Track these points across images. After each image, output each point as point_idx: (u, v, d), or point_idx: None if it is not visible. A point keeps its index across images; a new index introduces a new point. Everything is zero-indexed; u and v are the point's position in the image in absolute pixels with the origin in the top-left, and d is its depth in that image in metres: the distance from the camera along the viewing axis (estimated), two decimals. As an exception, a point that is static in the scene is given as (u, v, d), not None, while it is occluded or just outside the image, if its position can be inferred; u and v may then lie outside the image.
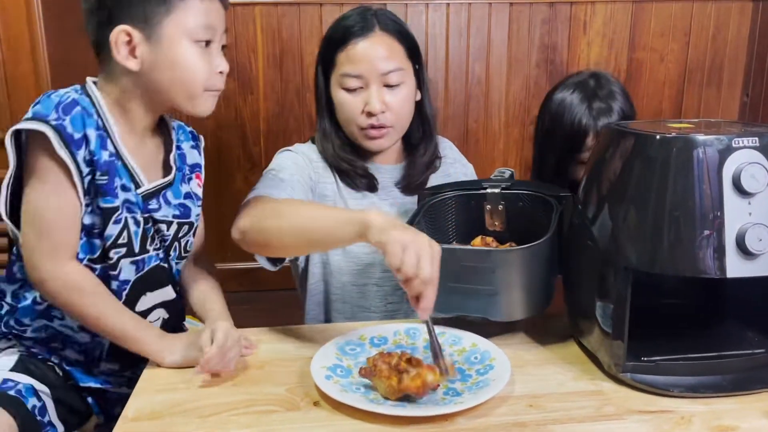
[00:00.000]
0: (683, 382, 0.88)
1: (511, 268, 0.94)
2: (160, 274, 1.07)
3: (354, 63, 1.16)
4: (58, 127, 0.90)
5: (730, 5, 2.62)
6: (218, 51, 0.99)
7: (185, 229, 1.08)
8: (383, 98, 1.17)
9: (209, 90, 0.99)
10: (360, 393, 0.86)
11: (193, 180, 1.10)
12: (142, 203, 1.00)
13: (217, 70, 0.98)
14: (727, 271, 0.80)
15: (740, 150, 0.81)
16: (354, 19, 1.18)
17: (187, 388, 0.90)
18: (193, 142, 1.13)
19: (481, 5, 2.50)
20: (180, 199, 1.06)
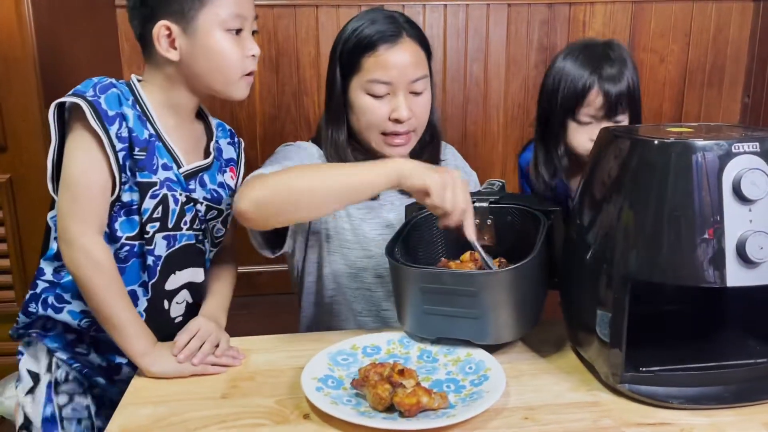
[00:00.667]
0: (683, 393, 0.85)
1: (496, 290, 0.91)
2: (192, 253, 1.10)
3: (385, 69, 1.14)
4: (94, 102, 0.96)
5: (731, 6, 2.60)
6: (249, 37, 1.05)
7: (213, 213, 1.12)
8: (409, 105, 1.16)
9: (244, 74, 1.05)
10: (351, 405, 0.84)
11: (227, 173, 1.15)
12: (184, 182, 1.05)
13: (250, 53, 1.04)
14: (727, 279, 0.78)
15: (740, 155, 0.78)
16: (383, 24, 1.16)
17: (173, 401, 0.88)
18: (230, 139, 1.19)
19: (478, 6, 2.48)
20: (214, 185, 1.11)
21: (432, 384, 0.90)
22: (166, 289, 1.07)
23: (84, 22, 2.18)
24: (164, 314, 1.08)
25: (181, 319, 1.10)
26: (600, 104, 1.29)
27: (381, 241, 1.22)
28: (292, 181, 0.98)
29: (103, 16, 2.36)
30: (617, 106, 1.29)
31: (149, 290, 1.05)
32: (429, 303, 0.94)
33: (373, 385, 0.83)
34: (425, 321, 0.96)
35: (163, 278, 1.06)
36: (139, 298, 1.05)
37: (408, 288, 0.95)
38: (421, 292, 0.94)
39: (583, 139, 1.33)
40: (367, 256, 1.22)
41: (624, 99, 1.29)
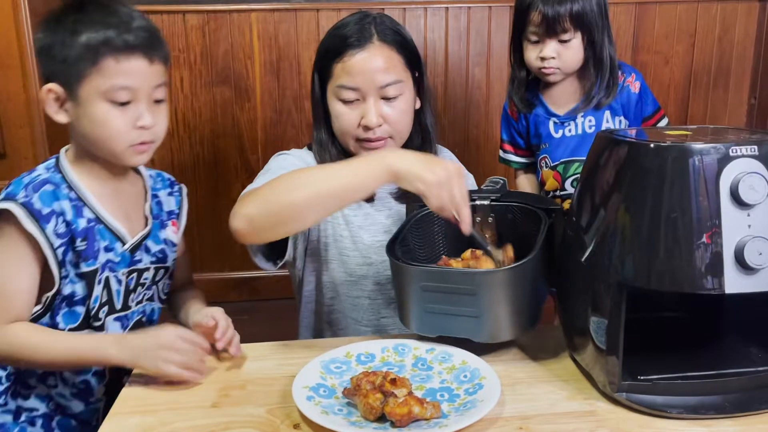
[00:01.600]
0: (682, 402, 0.83)
1: (495, 289, 0.90)
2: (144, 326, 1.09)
3: (351, 75, 1.12)
4: (26, 204, 0.95)
5: (737, 6, 2.57)
6: (143, 107, 0.99)
7: (161, 273, 1.12)
8: (380, 111, 1.14)
9: (131, 145, 1.00)
10: (342, 415, 0.83)
11: (169, 227, 1.13)
12: (129, 258, 1.05)
13: (138, 124, 0.99)
14: (725, 286, 0.76)
15: (738, 159, 0.76)
16: (351, 28, 1.14)
17: (162, 411, 0.87)
18: (170, 189, 1.17)
19: (480, 8, 2.46)
20: (159, 245, 1.11)
21: (426, 393, 0.88)
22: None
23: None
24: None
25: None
26: (538, 21, 1.41)
27: (380, 248, 1.21)
28: (283, 193, 0.96)
29: (105, 21, 2.37)
30: (555, 25, 1.39)
31: (107, 374, 1.05)
32: (429, 301, 0.93)
33: (365, 395, 0.82)
34: (426, 319, 0.95)
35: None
36: (93, 387, 1.05)
37: (409, 286, 0.95)
38: (422, 291, 0.93)
39: (532, 57, 1.47)
40: (367, 263, 1.21)
41: (564, 19, 1.39)
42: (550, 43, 1.43)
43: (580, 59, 1.46)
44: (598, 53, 1.45)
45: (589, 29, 1.42)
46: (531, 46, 1.47)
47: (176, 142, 2.53)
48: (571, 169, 1.55)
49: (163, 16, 2.41)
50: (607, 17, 1.46)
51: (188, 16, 2.41)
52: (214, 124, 2.50)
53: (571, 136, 1.54)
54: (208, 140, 2.51)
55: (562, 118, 1.54)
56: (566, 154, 1.55)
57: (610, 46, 1.47)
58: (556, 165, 1.56)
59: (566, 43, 1.42)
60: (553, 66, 1.45)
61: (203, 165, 2.54)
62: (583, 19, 1.40)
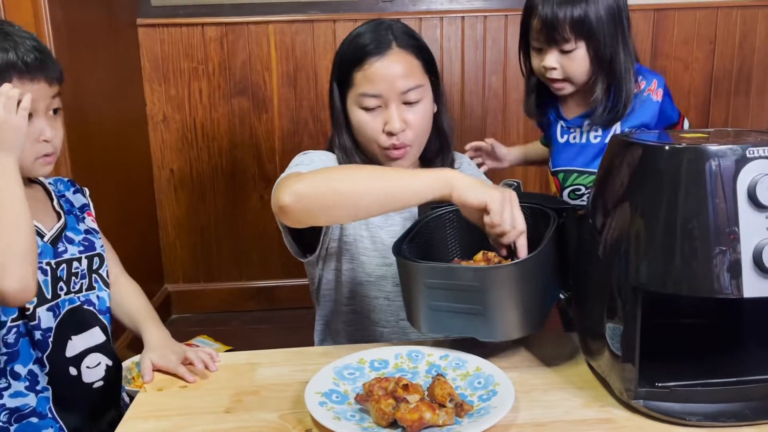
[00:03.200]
0: (701, 409, 0.82)
1: (501, 286, 0.89)
2: (83, 315, 1.11)
3: (372, 82, 1.13)
4: None
5: (757, 12, 2.54)
6: (42, 120, 1.04)
7: (97, 262, 1.15)
8: (403, 116, 1.14)
9: (38, 157, 1.05)
10: (354, 420, 0.82)
11: (86, 218, 1.19)
12: (51, 249, 1.08)
13: (41, 137, 1.04)
14: (744, 290, 0.74)
15: (755, 160, 0.75)
16: (369, 36, 1.15)
17: (176, 416, 0.87)
18: (73, 188, 1.22)
19: (496, 17, 2.46)
20: (81, 235, 1.15)
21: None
22: (68, 356, 1.08)
23: (105, 41, 2.23)
24: (76, 381, 1.09)
25: (101, 383, 1.12)
26: (539, 28, 1.28)
27: None
28: (337, 180, 0.97)
29: (125, 35, 2.41)
30: (554, 33, 1.25)
31: (46, 363, 1.06)
32: (434, 299, 0.92)
33: (377, 400, 0.81)
34: (432, 318, 0.94)
35: (60, 347, 1.07)
36: (37, 374, 1.06)
37: (414, 284, 0.94)
38: (427, 288, 0.92)
39: (536, 64, 1.34)
40: (386, 264, 1.21)
41: (563, 27, 1.24)
42: (551, 52, 1.29)
43: (586, 70, 1.29)
44: (606, 66, 1.28)
45: (594, 39, 1.25)
46: (535, 54, 1.34)
47: (195, 152, 2.56)
48: (570, 179, 1.41)
49: (182, 28, 2.45)
50: (622, 23, 1.27)
51: (207, 28, 2.44)
52: (232, 134, 2.53)
53: (574, 143, 1.41)
54: (226, 151, 2.54)
55: (568, 122, 1.41)
56: (566, 162, 1.42)
57: (626, 57, 1.28)
58: (557, 172, 1.44)
59: (569, 53, 1.27)
60: (556, 77, 1.31)
61: (221, 175, 2.57)
62: (586, 27, 1.24)
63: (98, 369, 1.12)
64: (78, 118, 1.95)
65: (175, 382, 0.97)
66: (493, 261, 1.01)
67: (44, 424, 1.07)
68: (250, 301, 2.69)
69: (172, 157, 2.57)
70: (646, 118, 1.32)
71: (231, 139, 2.53)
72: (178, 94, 2.50)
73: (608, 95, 1.30)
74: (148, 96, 2.51)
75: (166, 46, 2.46)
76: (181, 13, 2.46)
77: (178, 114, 2.52)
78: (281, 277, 2.66)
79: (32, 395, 1.06)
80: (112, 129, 2.25)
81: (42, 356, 1.06)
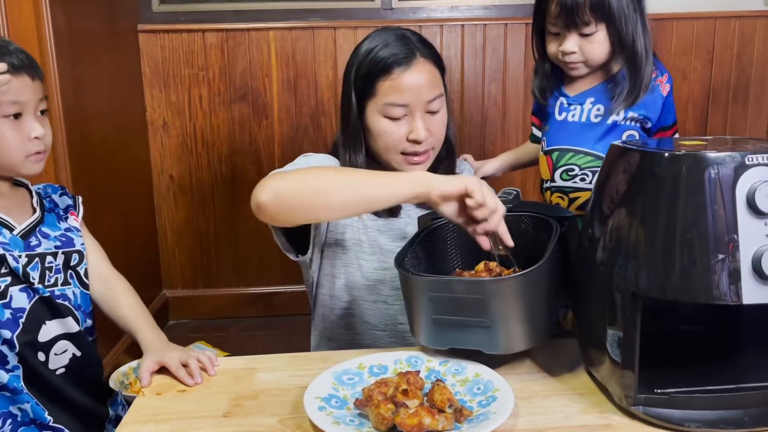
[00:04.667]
0: (700, 416, 0.82)
1: (506, 298, 0.89)
2: (56, 306, 1.12)
3: (400, 92, 1.14)
4: None
5: (755, 22, 2.56)
6: (31, 119, 1.08)
7: (76, 258, 1.17)
8: (427, 125, 1.16)
9: (29, 155, 1.08)
10: (353, 425, 0.82)
11: (69, 217, 1.21)
12: (21, 243, 1.10)
13: (32, 135, 1.07)
14: (743, 297, 0.75)
15: (754, 167, 0.75)
16: (395, 47, 1.15)
17: (175, 420, 0.87)
18: (61, 191, 1.25)
19: (496, 25, 2.48)
20: (59, 231, 1.17)
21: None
22: (40, 340, 1.09)
23: (106, 47, 2.23)
24: (42, 367, 1.10)
25: (63, 371, 1.13)
26: (557, 13, 1.25)
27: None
28: (315, 179, 0.99)
29: (126, 41, 2.42)
30: (575, 16, 1.22)
31: (16, 343, 1.06)
32: (438, 312, 0.92)
33: (376, 405, 0.81)
34: (436, 331, 0.94)
35: (33, 329, 1.08)
36: (6, 354, 1.06)
37: (417, 297, 0.94)
38: (430, 301, 0.92)
39: (553, 50, 1.31)
40: (384, 267, 1.21)
41: (583, 10, 1.21)
42: (570, 36, 1.25)
43: (605, 53, 1.27)
44: (628, 47, 1.25)
45: (614, 21, 1.22)
46: (552, 38, 1.30)
47: (194, 158, 2.56)
48: (564, 158, 1.35)
49: (182, 34, 2.45)
50: (641, 4, 1.25)
51: (207, 34, 2.45)
52: (232, 140, 2.53)
53: (573, 122, 1.35)
54: (226, 157, 2.54)
55: (570, 99, 1.36)
56: (563, 140, 1.36)
57: (645, 39, 1.26)
58: (551, 150, 1.38)
59: (589, 36, 1.24)
60: (575, 60, 1.28)
61: (221, 181, 2.57)
62: (607, 10, 1.21)
63: (63, 356, 1.13)
64: (78, 123, 1.95)
65: (174, 386, 0.97)
66: (495, 271, 1.01)
67: (20, 399, 1.08)
68: (249, 307, 2.68)
69: (171, 163, 2.57)
70: (650, 110, 1.31)
71: (231, 146, 2.53)
72: (178, 100, 2.51)
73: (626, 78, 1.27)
74: (149, 102, 2.51)
75: (166, 52, 2.46)
76: (182, 19, 2.47)
77: (178, 120, 2.52)
78: (280, 283, 2.65)
79: (2, 372, 1.07)
80: (112, 134, 2.25)
81: (11, 336, 1.06)
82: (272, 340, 2.40)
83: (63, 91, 1.79)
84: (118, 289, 1.22)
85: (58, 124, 1.80)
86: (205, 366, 1.00)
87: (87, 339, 1.17)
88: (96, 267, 1.21)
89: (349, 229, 1.22)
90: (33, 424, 1.09)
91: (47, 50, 1.73)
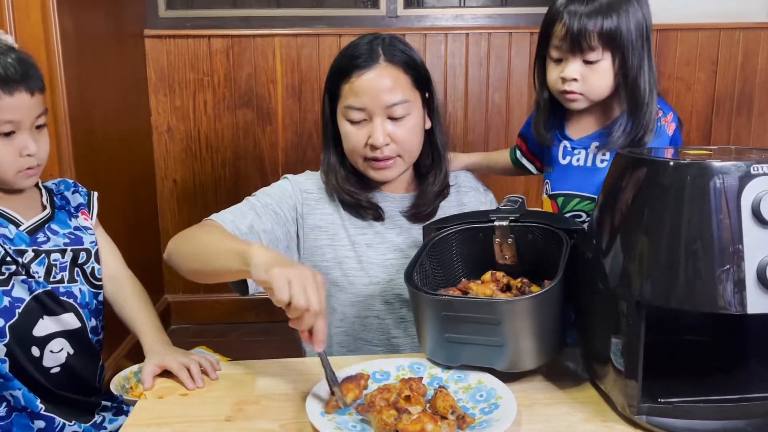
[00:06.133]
0: (704, 426, 0.81)
1: (519, 318, 0.88)
2: (59, 301, 1.12)
3: (357, 95, 1.13)
4: None
5: (759, 33, 2.57)
6: (26, 136, 1.07)
7: (83, 256, 1.17)
8: (387, 131, 1.14)
9: (20, 171, 1.09)
10: (355, 431, 0.82)
11: (80, 216, 1.22)
12: (27, 238, 1.11)
13: (25, 153, 1.08)
14: (747, 306, 0.75)
15: (759, 177, 0.76)
16: (360, 49, 1.15)
17: (176, 423, 0.87)
18: (74, 188, 1.25)
19: (500, 34, 2.48)
20: (68, 229, 1.17)
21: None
22: (35, 335, 1.09)
23: (112, 52, 2.24)
24: (35, 362, 1.10)
25: (58, 369, 1.12)
26: (562, 35, 1.17)
27: (387, 266, 1.20)
28: (186, 244, 1.08)
29: (132, 46, 2.43)
30: (581, 41, 1.14)
31: (7, 333, 1.06)
32: (450, 330, 0.92)
33: (379, 411, 0.81)
34: (447, 348, 0.94)
35: (29, 322, 1.08)
36: None
37: (428, 315, 0.94)
38: (443, 320, 0.92)
39: (553, 77, 1.22)
40: (374, 282, 1.20)
41: (592, 35, 1.14)
42: (573, 62, 1.18)
43: (608, 86, 1.20)
44: (631, 82, 1.18)
45: (621, 51, 1.16)
46: (553, 65, 1.23)
47: (198, 163, 2.57)
48: (570, 204, 1.30)
49: (188, 40, 2.46)
50: (649, 40, 1.19)
51: (213, 40, 2.46)
52: (236, 146, 2.54)
53: (577, 167, 1.29)
54: (230, 162, 2.55)
55: (574, 143, 1.29)
56: (568, 186, 1.30)
57: (650, 75, 1.19)
58: (556, 195, 1.31)
59: (592, 64, 1.18)
60: (575, 90, 1.20)
61: (224, 186, 2.58)
62: (615, 38, 1.15)
63: (59, 355, 1.12)
64: (84, 126, 1.96)
65: (176, 389, 0.97)
66: (501, 282, 1.01)
67: (12, 386, 1.07)
68: (250, 313, 2.68)
69: (175, 167, 2.57)
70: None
71: (234, 151, 2.54)
72: (183, 104, 2.51)
73: (627, 117, 1.20)
74: (154, 106, 2.52)
75: (172, 57, 2.47)
76: (189, 24, 2.49)
77: (182, 125, 2.53)
78: (282, 289, 2.65)
79: None
80: (117, 138, 2.26)
81: (4, 325, 1.06)
82: (273, 346, 2.39)
83: (69, 94, 1.80)
84: (127, 290, 1.22)
85: (64, 128, 1.81)
86: (206, 370, 1.00)
87: (88, 338, 1.16)
88: (108, 266, 1.21)
89: (332, 249, 1.21)
90: (24, 412, 1.09)
91: (54, 54, 1.74)
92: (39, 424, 1.10)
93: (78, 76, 1.90)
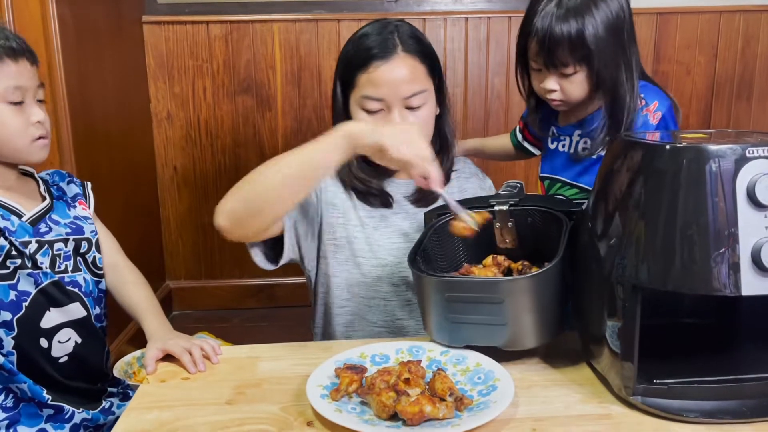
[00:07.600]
0: (699, 406, 0.82)
1: (521, 297, 0.90)
2: (65, 291, 1.12)
3: (376, 86, 1.13)
4: None
5: (760, 16, 2.55)
6: (33, 104, 1.09)
7: (85, 245, 1.17)
8: (405, 121, 1.15)
9: (33, 140, 1.09)
10: (355, 413, 0.83)
11: (78, 206, 1.22)
12: (30, 229, 1.11)
13: (33, 119, 1.08)
14: (742, 288, 0.75)
15: (755, 160, 0.76)
16: (375, 39, 1.15)
17: (178, 407, 0.88)
18: (69, 178, 1.26)
19: (500, 18, 2.48)
20: (68, 219, 1.18)
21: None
22: (43, 327, 1.09)
23: (111, 39, 2.24)
24: (44, 353, 1.10)
25: (66, 359, 1.13)
26: (536, 51, 1.19)
27: (394, 249, 1.21)
28: (255, 183, 1.00)
29: (131, 32, 2.42)
30: (552, 56, 1.16)
31: (15, 326, 1.07)
32: (454, 311, 0.93)
33: (378, 393, 0.82)
34: (451, 329, 0.95)
35: (36, 315, 1.09)
36: (1, 338, 1.07)
37: (432, 297, 0.95)
38: (446, 301, 0.93)
39: (536, 85, 1.26)
40: (381, 264, 1.22)
41: (562, 50, 1.15)
42: (551, 75, 1.21)
43: (586, 92, 1.22)
44: (608, 89, 1.20)
45: (593, 63, 1.16)
46: (535, 74, 1.26)
47: (198, 150, 2.57)
48: (554, 188, 1.35)
49: (187, 26, 2.46)
50: (622, 38, 1.19)
51: (212, 26, 2.45)
52: (236, 133, 2.54)
53: (562, 152, 1.34)
54: (230, 149, 2.55)
55: (560, 129, 1.34)
56: (552, 169, 1.36)
57: (628, 77, 1.20)
58: (543, 178, 1.38)
59: (569, 77, 1.20)
60: (556, 98, 1.24)
61: (224, 173, 2.58)
62: (585, 51, 1.15)
63: (67, 344, 1.13)
64: (83, 114, 1.96)
65: (178, 374, 0.98)
66: (503, 265, 1.02)
67: (18, 379, 1.08)
68: (251, 298, 2.70)
69: (175, 154, 2.58)
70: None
71: (234, 138, 2.54)
72: (182, 91, 2.51)
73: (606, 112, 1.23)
74: (153, 93, 2.52)
75: (171, 43, 2.47)
76: (187, 10, 2.48)
77: (182, 112, 2.53)
78: (282, 275, 2.66)
79: None
80: (116, 126, 2.26)
81: (11, 318, 1.07)
82: (274, 331, 2.41)
83: (68, 82, 1.80)
84: (128, 279, 1.23)
85: (63, 115, 1.81)
86: (208, 354, 1.01)
87: (93, 326, 1.18)
88: (108, 257, 1.22)
89: (344, 228, 1.22)
90: (32, 402, 1.10)
91: (52, 41, 1.73)
92: (48, 412, 1.11)
93: (77, 63, 1.89)
